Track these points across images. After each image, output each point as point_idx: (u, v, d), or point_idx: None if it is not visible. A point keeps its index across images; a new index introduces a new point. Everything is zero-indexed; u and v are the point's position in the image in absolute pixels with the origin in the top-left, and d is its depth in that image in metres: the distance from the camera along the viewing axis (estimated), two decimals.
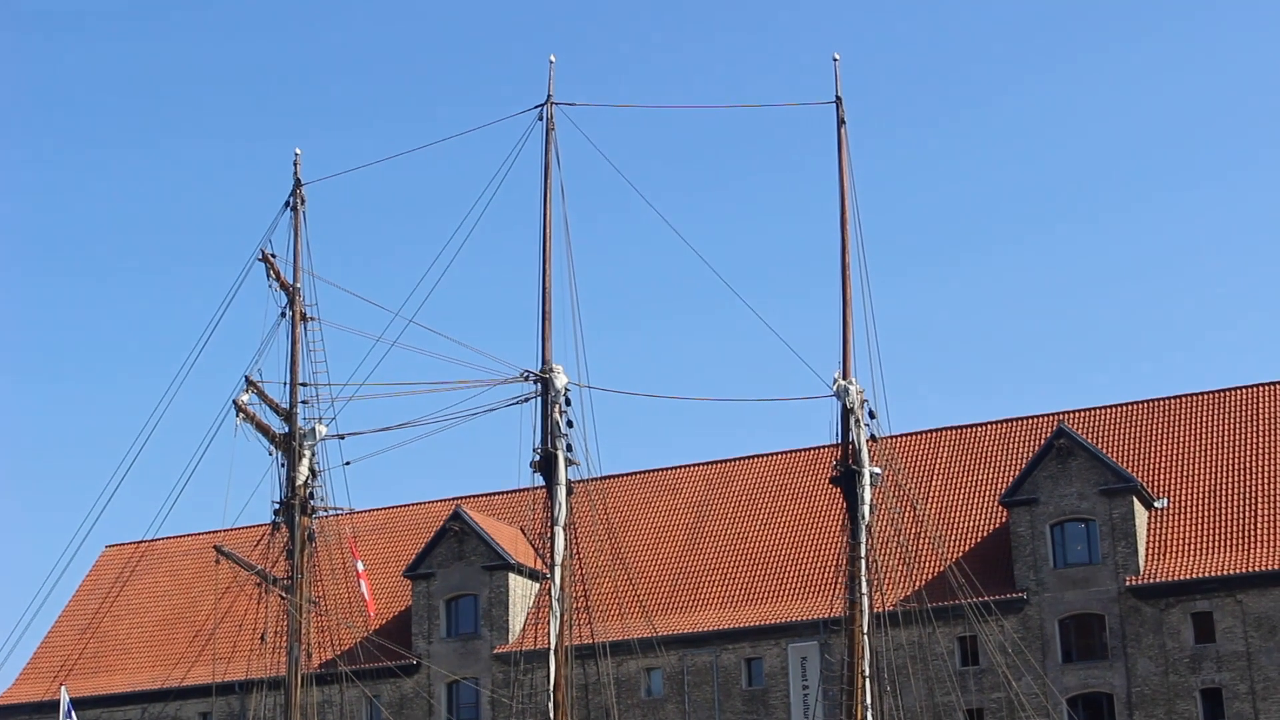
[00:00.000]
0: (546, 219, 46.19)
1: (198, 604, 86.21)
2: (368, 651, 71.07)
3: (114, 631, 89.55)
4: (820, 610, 69.43)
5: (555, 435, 44.88)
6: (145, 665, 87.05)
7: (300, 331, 48.59)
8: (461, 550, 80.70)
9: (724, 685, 75.01)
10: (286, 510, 47.64)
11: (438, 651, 79.80)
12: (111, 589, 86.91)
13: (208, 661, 67.92)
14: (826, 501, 75.31)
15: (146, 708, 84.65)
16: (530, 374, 44.96)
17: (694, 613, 77.35)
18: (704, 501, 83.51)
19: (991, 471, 77.76)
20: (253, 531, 51.85)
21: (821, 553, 74.82)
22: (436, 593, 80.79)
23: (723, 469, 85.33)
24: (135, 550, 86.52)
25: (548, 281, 45.71)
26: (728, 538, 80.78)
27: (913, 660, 60.17)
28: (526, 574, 79.99)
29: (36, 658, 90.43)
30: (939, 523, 74.04)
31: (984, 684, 69.72)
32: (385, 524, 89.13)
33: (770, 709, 74.03)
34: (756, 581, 77.75)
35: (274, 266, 48.54)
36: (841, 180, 47.08)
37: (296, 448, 47.63)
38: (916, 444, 79.96)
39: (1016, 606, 70.33)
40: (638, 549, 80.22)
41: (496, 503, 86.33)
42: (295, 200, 49.46)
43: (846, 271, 46.19)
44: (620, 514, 79.48)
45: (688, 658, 75.64)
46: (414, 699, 79.88)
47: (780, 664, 74.09)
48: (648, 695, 76.19)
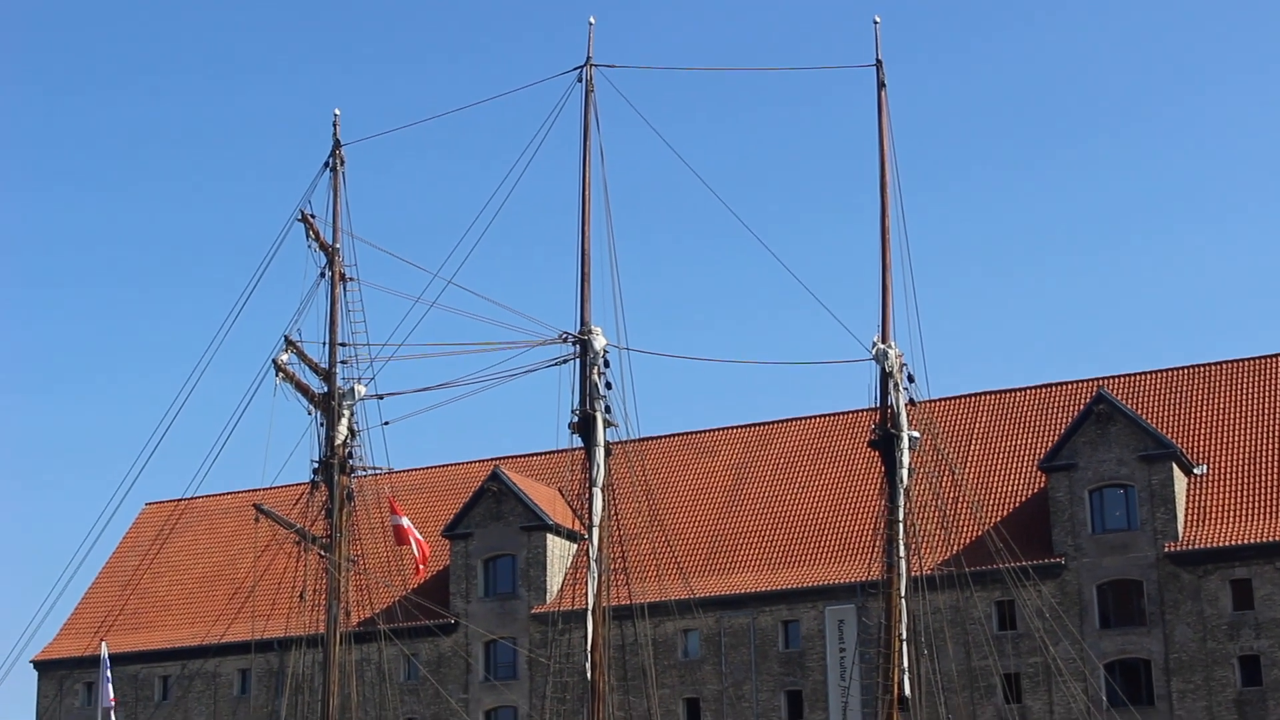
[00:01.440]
0: (585, 181, 46.12)
1: (237, 562, 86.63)
2: (406, 610, 71.26)
3: (154, 588, 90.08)
4: (857, 573, 69.43)
5: (594, 397, 44.86)
6: (185, 622, 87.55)
7: (339, 292, 48.65)
8: (500, 511, 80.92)
9: (760, 647, 75.11)
10: (325, 469, 47.78)
11: (475, 611, 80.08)
12: (151, 546, 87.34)
13: (247, 619, 68.14)
14: (864, 465, 75.17)
15: (186, 664, 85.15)
16: (569, 335, 44.93)
17: (731, 575, 77.43)
18: (742, 464, 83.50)
19: (1030, 436, 77.54)
20: (292, 490, 52.05)
21: (859, 516, 74.74)
22: (474, 553, 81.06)
23: (761, 432, 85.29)
24: (175, 508, 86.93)
25: (586, 243, 45.67)
26: (765, 500, 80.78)
27: (950, 624, 60.13)
28: (564, 535, 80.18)
29: (77, 614, 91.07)
30: (977, 487, 73.93)
31: (1021, 649, 69.67)
32: (423, 484, 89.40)
33: (807, 671, 74.11)
34: (794, 544, 77.76)
35: (313, 227, 48.57)
36: (881, 143, 46.88)
37: (335, 407, 47.74)
38: (955, 408, 79.80)
39: (1054, 572, 70.21)
40: (676, 511, 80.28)
41: (535, 464, 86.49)
42: (334, 161, 49.47)
43: (886, 235, 46.02)
44: (658, 476, 79.55)
45: (725, 619, 75.73)
46: (452, 658, 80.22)
47: (817, 627, 74.13)
48: (684, 656, 76.34)
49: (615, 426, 44.95)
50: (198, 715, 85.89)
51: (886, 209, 46.25)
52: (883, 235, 46.07)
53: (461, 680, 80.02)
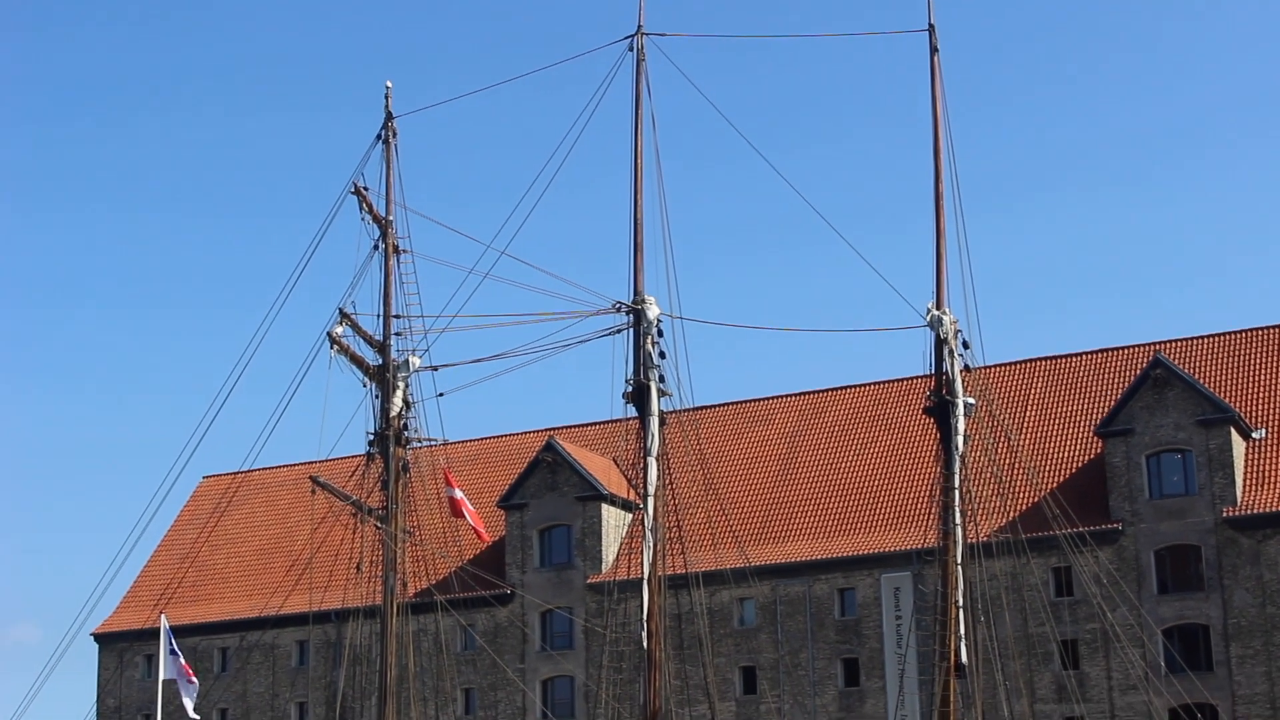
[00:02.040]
0: (637, 150, 45.99)
1: (294, 534, 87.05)
2: (462, 581, 71.45)
3: (211, 561, 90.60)
4: (913, 541, 69.29)
5: (648, 366, 44.79)
6: (242, 594, 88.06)
7: (393, 264, 48.64)
8: (555, 481, 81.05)
9: (816, 615, 75.07)
10: (381, 441, 47.85)
11: (531, 581, 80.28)
12: (209, 519, 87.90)
13: (304, 590, 68.48)
14: (920, 432, 74.95)
15: (244, 635, 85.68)
16: (622, 305, 44.84)
17: (787, 543, 77.39)
18: (797, 432, 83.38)
19: (1087, 402, 77.16)
20: (348, 462, 52.12)
21: (915, 483, 74.57)
22: (530, 523, 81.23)
23: (815, 399, 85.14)
24: (232, 481, 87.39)
25: (639, 213, 45.55)
26: (820, 468, 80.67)
27: (1006, 591, 59.89)
28: (619, 504, 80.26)
29: (136, 586, 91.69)
30: (1033, 453, 73.62)
31: (1078, 615, 69.43)
32: (479, 455, 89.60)
33: (863, 639, 74.05)
34: (849, 512, 77.65)
35: (366, 199, 48.57)
36: (934, 108, 46.58)
37: (390, 379, 47.77)
38: (1011, 374, 79.47)
39: (1112, 537, 69.93)
40: (730, 479, 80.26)
41: (589, 434, 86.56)
42: (387, 133, 49.42)
43: (940, 200, 45.75)
44: (713, 445, 79.51)
45: (780, 588, 75.71)
46: (508, 628, 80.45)
47: (873, 594, 74.04)
48: (740, 625, 76.38)
49: (669, 396, 44.88)
50: (256, 686, 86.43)
51: (940, 172, 45.99)
52: (936, 201, 45.81)
53: (518, 650, 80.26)
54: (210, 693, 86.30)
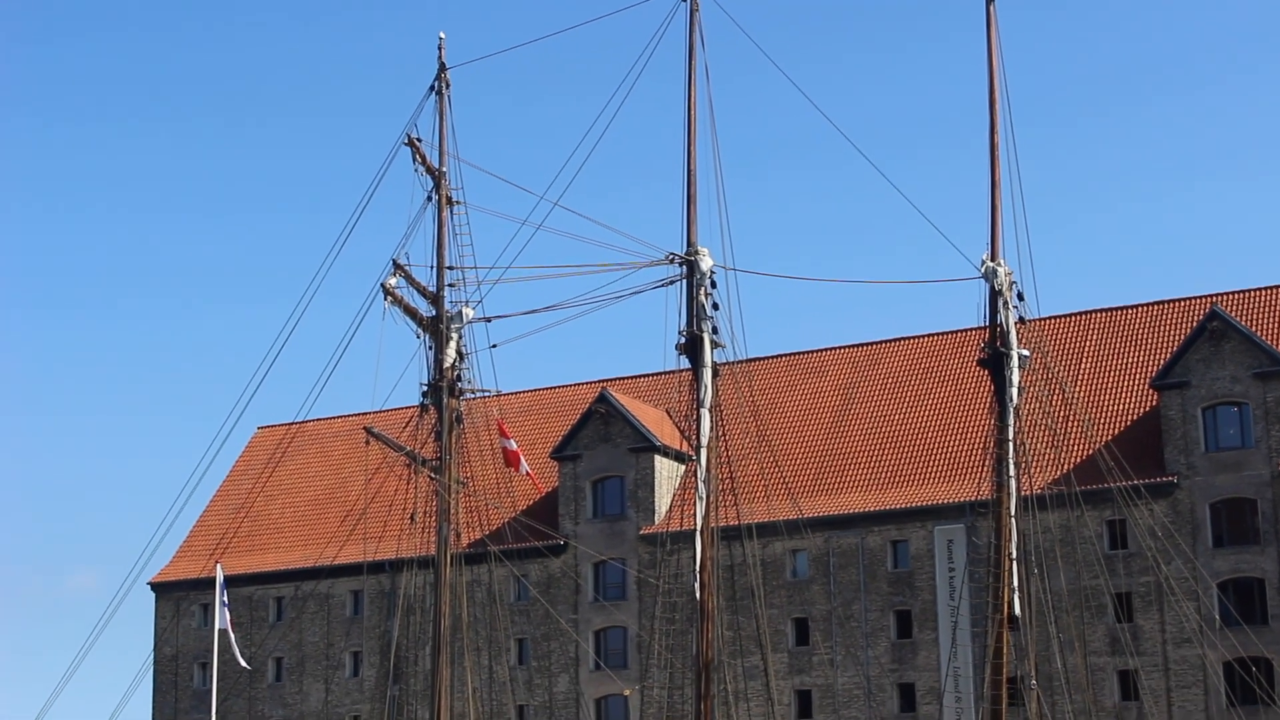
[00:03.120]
0: (690, 101, 45.82)
1: (348, 484, 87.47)
2: (515, 532, 71.71)
3: (266, 511, 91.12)
4: (967, 493, 69.12)
5: (701, 318, 44.71)
6: (297, 544, 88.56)
7: (446, 215, 48.62)
8: (608, 432, 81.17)
9: (869, 567, 75.05)
10: (434, 392, 47.93)
11: (584, 532, 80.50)
12: (264, 470, 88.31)
13: (358, 541, 68.83)
14: (974, 384, 74.75)
15: (299, 585, 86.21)
16: (675, 256, 44.75)
17: (840, 495, 77.33)
18: (850, 384, 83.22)
19: (1142, 354, 76.74)
20: (401, 413, 52.26)
21: (968, 435, 74.39)
22: (583, 474, 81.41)
23: (869, 351, 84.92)
24: (287, 432, 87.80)
25: (692, 163, 45.42)
26: (874, 420, 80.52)
27: (1060, 544, 59.69)
28: (672, 456, 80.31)
29: (192, 537, 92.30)
30: (1088, 406, 73.32)
31: (1133, 568, 69.21)
32: (532, 406, 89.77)
33: (916, 591, 74.01)
34: (903, 464, 77.52)
35: (419, 151, 48.53)
36: (990, 55, 46.21)
37: (444, 330, 47.82)
38: (1066, 326, 79.08)
39: (1166, 490, 69.64)
40: (783, 431, 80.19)
41: (642, 385, 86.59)
42: (440, 84, 49.34)
43: (995, 151, 45.44)
44: (766, 396, 79.45)
45: (833, 540, 75.71)
46: (561, 579, 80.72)
47: (926, 546, 73.97)
48: (793, 577, 76.43)
49: (722, 347, 44.81)
50: (311, 636, 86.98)
51: (995, 126, 45.67)
52: (991, 152, 45.52)
53: (571, 601, 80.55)
54: (266, 642, 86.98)
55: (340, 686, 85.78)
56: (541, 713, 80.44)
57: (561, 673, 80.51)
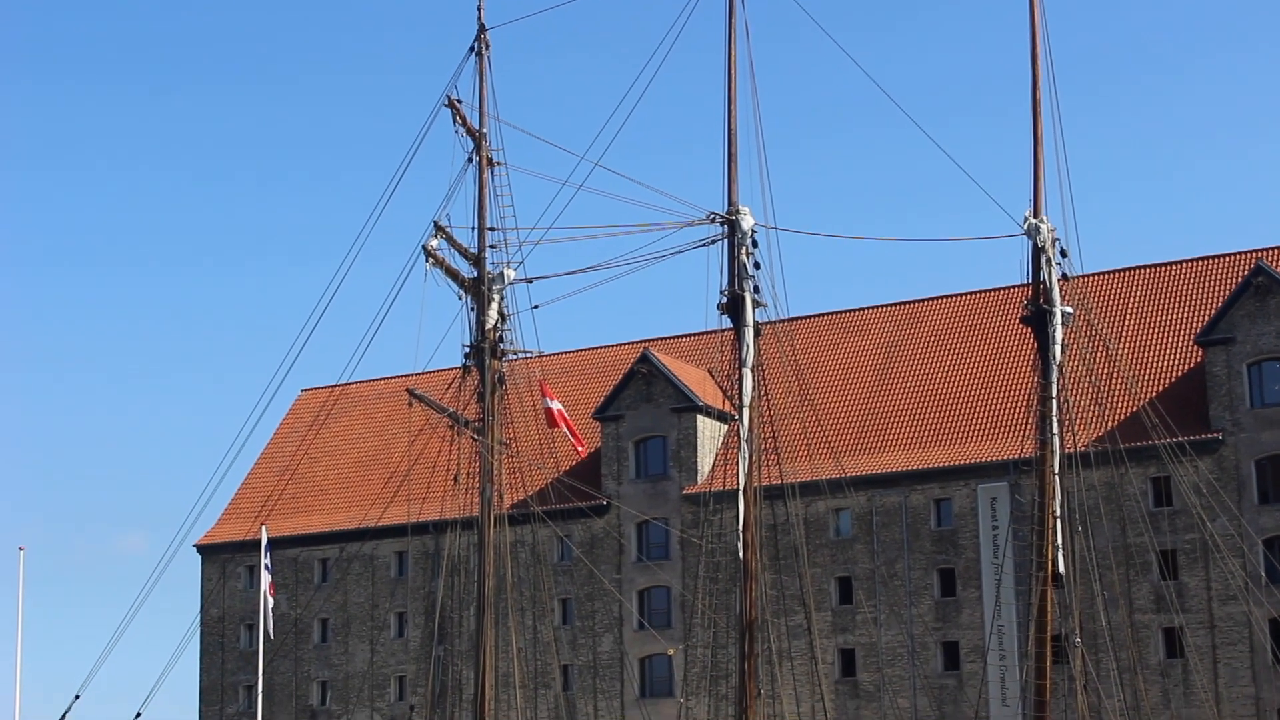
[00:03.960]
0: (731, 59, 45.66)
1: (391, 446, 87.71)
2: (558, 493, 71.89)
3: (310, 473, 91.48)
4: (1010, 451, 69.00)
5: (742, 277, 44.61)
6: (341, 506, 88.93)
7: (487, 176, 48.60)
8: (650, 392, 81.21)
9: (913, 526, 75.01)
10: (477, 354, 47.99)
11: (627, 492, 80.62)
12: (308, 432, 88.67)
13: (402, 502, 69.10)
14: (1017, 341, 74.56)
15: (344, 547, 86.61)
16: (716, 216, 44.64)
17: (883, 453, 77.24)
18: (892, 342, 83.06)
19: (1187, 310, 76.34)
20: (444, 375, 52.41)
21: (1011, 393, 74.20)
22: (625, 434, 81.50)
23: (911, 309, 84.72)
24: (330, 394, 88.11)
25: (733, 122, 45.28)
26: (916, 378, 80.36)
27: (1105, 501, 59.59)
28: (714, 415, 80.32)
29: (237, 499, 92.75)
30: (1132, 363, 73.01)
31: (1177, 525, 68.97)
32: (574, 367, 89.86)
33: (959, 549, 73.95)
34: (945, 422, 77.38)
35: (460, 112, 48.49)
36: (1032, 11, 45.91)
37: (485, 292, 47.83)
38: (1110, 283, 78.68)
39: (1211, 447, 69.33)
40: (826, 390, 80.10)
41: (684, 345, 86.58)
42: (479, 45, 49.26)
43: (1037, 106, 45.15)
44: (808, 355, 79.38)
45: (876, 498, 75.67)
46: (604, 539, 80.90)
47: (969, 505, 73.87)
48: (836, 535, 76.45)
49: (764, 306, 44.73)
50: (356, 596, 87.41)
51: (1038, 82, 45.39)
52: (1034, 108, 45.25)
53: (614, 561, 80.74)
54: (311, 603, 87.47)
55: (385, 647, 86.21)
56: (586, 672, 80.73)
57: (605, 632, 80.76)
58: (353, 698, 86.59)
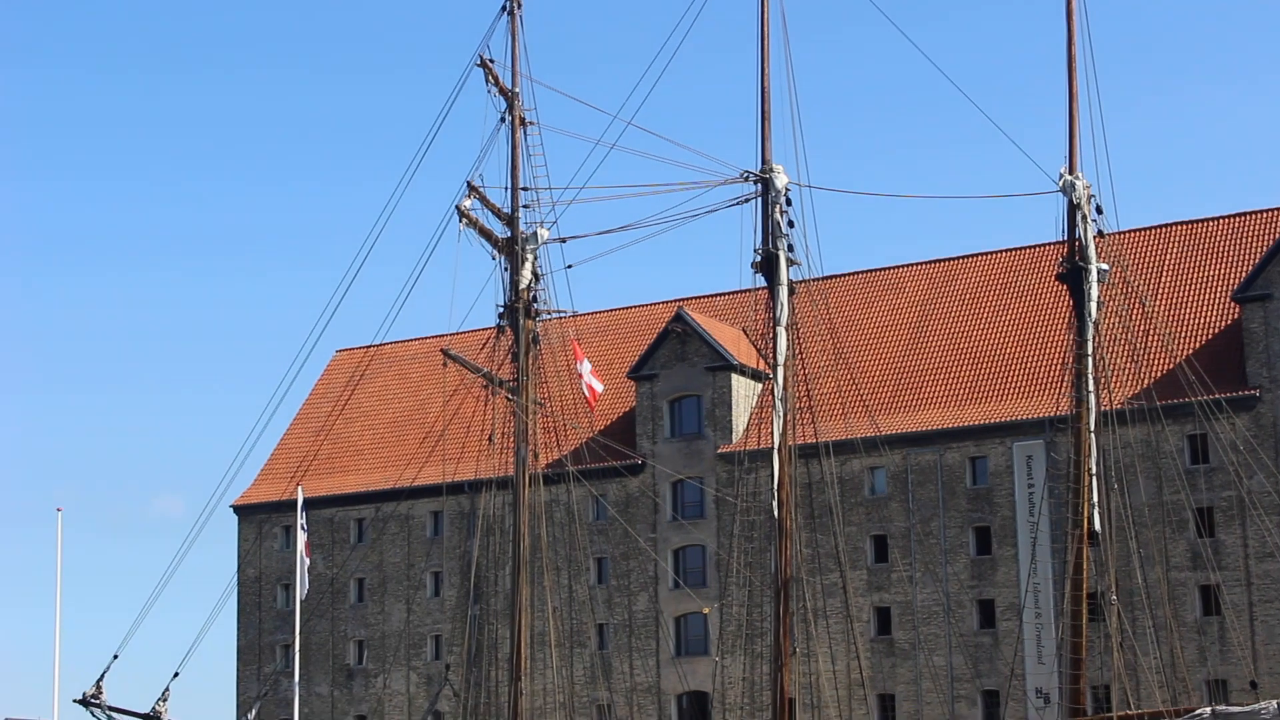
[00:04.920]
0: (764, 17, 45.56)
1: (426, 406, 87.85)
2: (593, 452, 71.95)
3: (346, 434, 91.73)
4: (1046, 408, 68.74)
5: (776, 235, 44.58)
6: (377, 466, 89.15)
7: (520, 136, 48.61)
8: (684, 352, 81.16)
9: (948, 484, 74.90)
10: (510, 313, 48.06)
11: (662, 452, 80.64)
12: (343, 392, 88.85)
13: (437, 462, 69.24)
14: (1052, 299, 74.19)
15: (379, 507, 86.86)
16: (750, 174, 44.59)
17: (917, 412, 77.11)
18: (927, 300, 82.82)
19: (1223, 266, 75.92)
20: (478, 335, 52.44)
21: (1047, 351, 73.95)
22: (660, 394, 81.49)
23: (946, 267, 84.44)
24: (365, 355, 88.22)
25: (766, 80, 45.18)
26: (951, 336, 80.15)
27: (1141, 458, 59.43)
28: (749, 374, 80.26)
29: (273, 459, 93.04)
30: (1168, 319, 72.68)
31: (1214, 482, 68.74)
32: (608, 326, 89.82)
33: (995, 507, 73.82)
34: (980, 380, 77.18)
35: (492, 72, 48.48)
36: None
37: (519, 252, 47.89)
38: (1145, 239, 78.29)
39: (1249, 404, 69.02)
40: (860, 348, 79.95)
41: (718, 304, 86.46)
42: (512, 4, 49.21)
43: (1072, 62, 44.97)
44: (842, 313, 79.19)
45: (911, 457, 75.56)
46: (639, 498, 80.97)
47: (1005, 463, 73.71)
48: (871, 494, 76.37)
49: (798, 265, 44.71)
50: (393, 556, 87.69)
51: (1073, 38, 45.17)
52: (1069, 65, 45.05)
53: (649, 520, 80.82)
54: (347, 563, 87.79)
55: (421, 606, 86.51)
56: (621, 631, 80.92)
57: (641, 591, 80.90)
58: (389, 657, 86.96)
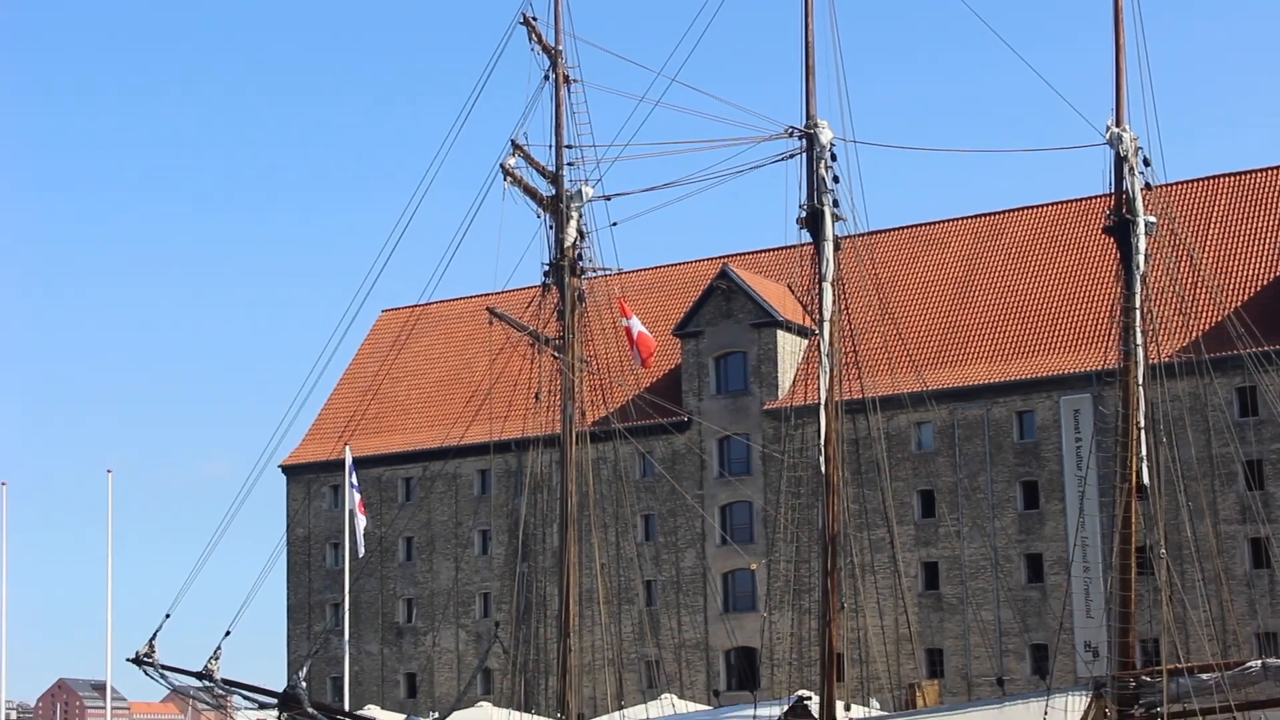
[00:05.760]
0: None
1: (472, 365, 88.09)
2: (639, 409, 72.08)
3: (393, 393, 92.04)
4: (1093, 362, 68.57)
5: (821, 191, 44.40)
6: (424, 425, 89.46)
7: (563, 94, 48.51)
8: (730, 308, 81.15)
9: (995, 439, 74.78)
10: (556, 271, 48.05)
11: (708, 408, 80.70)
12: (389, 352, 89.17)
13: (484, 421, 69.36)
14: (1099, 252, 73.91)
15: (427, 465, 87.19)
16: (795, 130, 44.40)
17: (964, 366, 76.96)
18: (973, 255, 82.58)
19: (1272, 218, 75.48)
20: (524, 293, 52.50)
21: (1094, 304, 73.65)
22: (705, 350, 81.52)
23: (992, 221, 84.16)
24: (410, 314, 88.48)
25: (810, 35, 44.93)
26: (998, 291, 79.91)
27: (1189, 411, 59.15)
28: (795, 330, 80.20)
29: (320, 419, 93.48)
30: (1217, 272, 72.28)
31: (1263, 435, 68.47)
32: (653, 284, 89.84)
33: (1042, 462, 73.68)
34: (1027, 334, 76.96)
35: (535, 30, 48.37)
36: None
37: (564, 210, 47.85)
38: (1193, 191, 77.88)
39: None
40: (906, 303, 79.76)
41: (763, 260, 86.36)
42: None
43: (1119, 14, 44.57)
44: (888, 269, 79.02)
45: (958, 411, 75.45)
46: (686, 455, 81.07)
47: (1052, 417, 73.54)
48: (918, 449, 76.32)
49: (844, 220, 44.52)
50: (440, 515, 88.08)
51: None
52: (1116, 15, 44.68)
53: (696, 476, 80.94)
54: (395, 521, 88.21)
55: (470, 564, 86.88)
56: (669, 587, 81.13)
57: (688, 548, 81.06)
58: (438, 615, 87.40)
